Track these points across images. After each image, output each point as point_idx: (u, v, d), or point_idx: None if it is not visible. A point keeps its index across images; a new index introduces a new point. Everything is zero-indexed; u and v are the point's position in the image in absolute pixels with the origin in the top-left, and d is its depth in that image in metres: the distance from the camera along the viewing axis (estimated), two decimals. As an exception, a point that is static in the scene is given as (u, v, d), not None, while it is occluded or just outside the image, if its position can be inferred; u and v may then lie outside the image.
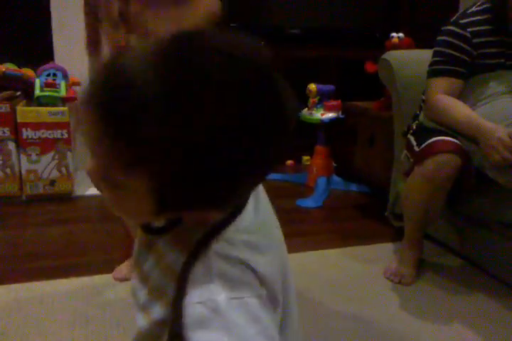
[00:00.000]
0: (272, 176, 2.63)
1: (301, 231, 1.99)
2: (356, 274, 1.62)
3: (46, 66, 2.44)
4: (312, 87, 2.48)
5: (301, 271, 1.61)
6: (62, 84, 2.36)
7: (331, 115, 2.43)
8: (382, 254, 1.74)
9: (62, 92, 2.33)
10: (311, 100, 2.49)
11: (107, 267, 1.60)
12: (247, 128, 0.46)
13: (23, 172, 2.22)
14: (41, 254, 1.76)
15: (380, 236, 1.91)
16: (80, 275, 1.58)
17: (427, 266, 1.65)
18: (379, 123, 2.30)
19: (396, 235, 1.84)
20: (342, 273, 1.62)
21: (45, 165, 2.23)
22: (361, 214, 2.20)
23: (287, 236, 0.68)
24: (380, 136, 2.30)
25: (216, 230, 0.52)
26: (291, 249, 1.51)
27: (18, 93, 2.37)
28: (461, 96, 1.52)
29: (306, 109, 2.51)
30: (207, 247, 0.51)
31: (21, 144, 2.20)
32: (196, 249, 0.51)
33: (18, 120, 2.18)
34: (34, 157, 2.21)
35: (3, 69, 2.33)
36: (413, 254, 1.57)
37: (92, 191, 2.29)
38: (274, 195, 0.74)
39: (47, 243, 1.85)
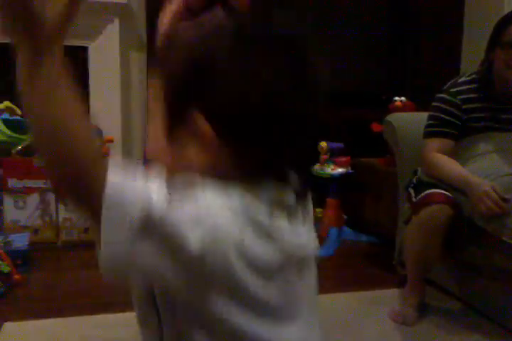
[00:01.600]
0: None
1: (313, 277, 2.13)
2: (364, 315, 1.75)
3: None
4: (323, 144, 2.71)
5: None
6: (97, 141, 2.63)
7: (340, 170, 2.64)
8: (388, 298, 1.87)
9: (98, 148, 2.59)
10: (322, 156, 2.71)
11: (131, 305, 1.76)
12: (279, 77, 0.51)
13: (60, 220, 2.44)
14: (74, 294, 1.93)
15: (387, 282, 2.05)
16: (112, 312, 1.75)
17: (429, 309, 1.78)
18: (385, 178, 2.49)
19: (402, 282, 1.98)
20: (351, 314, 1.76)
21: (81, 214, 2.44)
22: (370, 263, 2.35)
23: None
24: (386, 189, 2.49)
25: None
26: None
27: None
28: (454, 154, 1.72)
29: (318, 164, 2.73)
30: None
31: (60, 195, 2.43)
32: None
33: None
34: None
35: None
36: (415, 297, 1.71)
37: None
38: None
39: (79, 285, 2.03)
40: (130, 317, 1.55)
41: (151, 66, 0.56)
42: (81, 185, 0.49)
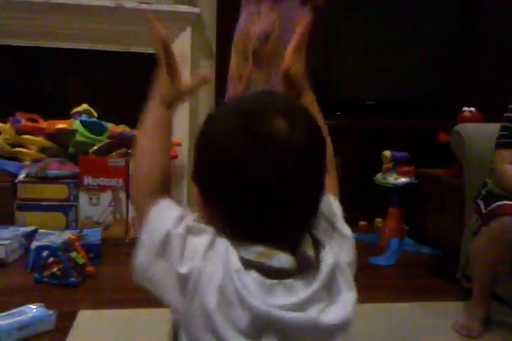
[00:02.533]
0: (346, 235, 2.80)
1: (372, 285, 2.13)
2: (425, 326, 1.73)
3: (153, 128, 2.85)
4: (387, 154, 2.70)
5: (371, 321, 1.75)
6: (166, 144, 2.75)
7: (404, 180, 2.62)
8: (451, 311, 1.84)
9: (166, 151, 2.71)
10: (385, 165, 2.70)
11: None
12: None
13: (129, 218, 2.57)
14: (140, 288, 2.02)
15: (450, 295, 2.01)
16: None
17: (495, 323, 1.73)
18: (450, 189, 2.45)
19: (466, 295, 1.93)
20: (411, 325, 1.74)
21: (148, 213, 2.56)
22: (432, 274, 2.31)
23: (360, 288, 0.73)
24: (451, 201, 2.45)
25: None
26: (364, 299, 1.73)
27: (130, 150, 2.78)
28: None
29: (381, 173, 2.71)
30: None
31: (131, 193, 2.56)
32: None
33: (130, 173, 2.56)
34: (140, 205, 2.56)
35: (120, 130, 2.77)
36: (481, 311, 1.67)
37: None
38: None
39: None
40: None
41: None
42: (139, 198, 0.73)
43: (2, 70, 2.87)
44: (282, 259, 0.61)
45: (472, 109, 2.55)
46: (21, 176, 2.56)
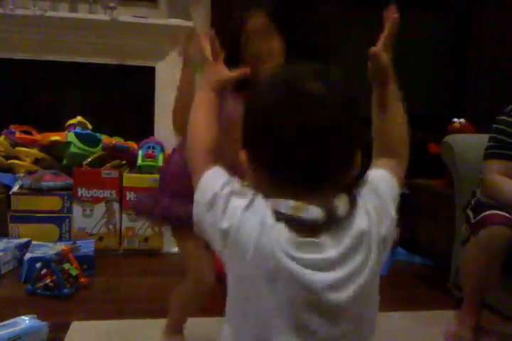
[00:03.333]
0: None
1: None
2: (417, 335, 1.74)
3: (147, 140, 2.88)
4: (379, 164, 2.73)
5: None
6: (160, 155, 2.77)
7: (396, 190, 2.64)
8: (442, 319, 1.85)
9: (160, 162, 2.72)
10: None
11: None
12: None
13: (123, 229, 2.57)
14: (133, 299, 2.03)
15: (441, 304, 2.03)
16: (165, 316, 1.81)
17: (485, 332, 1.75)
18: (442, 199, 2.47)
19: (457, 304, 1.95)
20: (404, 334, 1.75)
21: (142, 224, 2.57)
22: (423, 284, 2.33)
23: None
24: (442, 211, 2.47)
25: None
26: None
27: (124, 162, 2.80)
28: (515, 176, 1.71)
29: (373, 184, 2.73)
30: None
31: (124, 205, 2.57)
32: None
33: (124, 184, 2.58)
34: (133, 216, 2.57)
35: (114, 142, 2.79)
36: (471, 319, 1.68)
37: (178, 249, 2.59)
38: None
39: (137, 290, 2.13)
40: (186, 324, 1.64)
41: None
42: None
43: (-2, 83, 2.90)
44: (314, 212, 0.65)
45: (462, 120, 2.59)
46: (15, 188, 2.57)
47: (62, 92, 3.10)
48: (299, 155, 0.65)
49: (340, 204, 0.67)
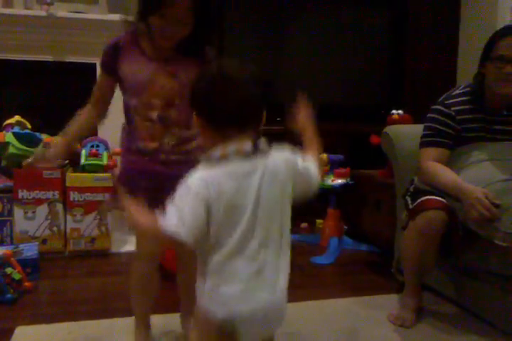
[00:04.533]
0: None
1: (315, 283, 2.20)
2: (363, 319, 1.81)
3: (90, 138, 2.80)
4: (323, 156, 2.79)
5: (314, 317, 1.82)
6: (104, 154, 2.71)
7: (340, 181, 2.72)
8: (387, 303, 1.93)
9: (104, 161, 2.67)
10: (322, 168, 2.79)
11: (131, 311, 1.78)
12: (225, 99, 1.00)
13: (68, 230, 2.51)
14: (80, 300, 1.99)
15: (386, 288, 2.11)
16: (116, 317, 1.80)
17: (426, 312, 1.84)
18: (384, 188, 2.56)
19: (400, 288, 2.03)
20: (351, 319, 1.82)
21: (88, 225, 2.52)
22: (370, 270, 2.41)
23: (303, 287, 0.86)
24: (385, 200, 2.56)
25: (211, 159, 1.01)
26: (307, 297, 1.82)
27: (67, 161, 2.72)
28: (449, 163, 1.80)
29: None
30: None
31: (68, 205, 2.50)
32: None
33: (67, 184, 2.51)
34: (78, 217, 2.51)
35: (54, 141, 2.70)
36: (413, 301, 1.77)
37: (126, 248, 2.55)
38: (291, 253, 1.02)
39: (85, 291, 2.09)
40: (133, 322, 1.63)
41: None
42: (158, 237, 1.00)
43: None
44: (248, 146, 1.01)
45: (400, 111, 2.69)
46: (-50, 192, 2.45)
47: (-1, 91, 2.98)
48: (233, 112, 1.01)
49: (261, 143, 1.04)
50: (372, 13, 3.42)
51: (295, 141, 1.20)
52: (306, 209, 3.10)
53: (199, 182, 0.96)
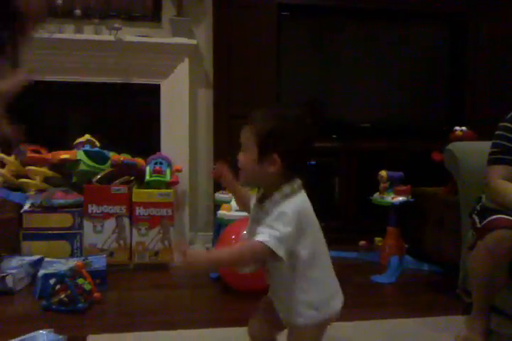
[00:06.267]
0: (347, 255, 2.85)
1: (375, 302, 2.16)
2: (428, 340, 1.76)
3: (154, 156, 2.93)
4: (383, 173, 2.77)
5: (377, 337, 1.79)
6: (167, 170, 2.82)
7: (401, 199, 2.68)
8: (452, 325, 1.86)
9: (167, 177, 2.77)
10: (382, 185, 2.76)
11: (193, 323, 1.90)
12: (303, 136, 1.15)
13: (133, 243, 2.61)
14: (145, 312, 2.06)
15: (450, 309, 2.04)
16: (178, 328, 1.85)
17: (495, 335, 1.76)
18: (447, 206, 2.50)
19: (467, 310, 1.96)
20: (414, 340, 1.77)
21: (152, 238, 2.61)
22: (433, 290, 2.34)
23: (364, 306, 0.89)
24: (448, 217, 2.50)
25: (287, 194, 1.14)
26: (368, 316, 1.83)
27: (132, 178, 2.84)
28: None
29: (378, 193, 2.77)
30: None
31: (134, 220, 2.61)
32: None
33: (133, 200, 2.62)
34: (143, 231, 2.61)
35: (122, 159, 2.83)
36: (481, 323, 1.70)
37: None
38: (349, 271, 1.05)
39: (149, 303, 2.16)
40: (195, 334, 1.67)
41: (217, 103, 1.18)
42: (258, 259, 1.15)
43: (7, 104, 2.95)
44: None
45: (464, 128, 2.64)
46: (26, 206, 2.61)
47: (70, 111, 3.17)
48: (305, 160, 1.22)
49: None
50: (431, 28, 3.39)
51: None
52: (365, 227, 3.10)
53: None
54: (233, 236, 2.15)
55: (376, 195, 2.77)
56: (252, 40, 3.08)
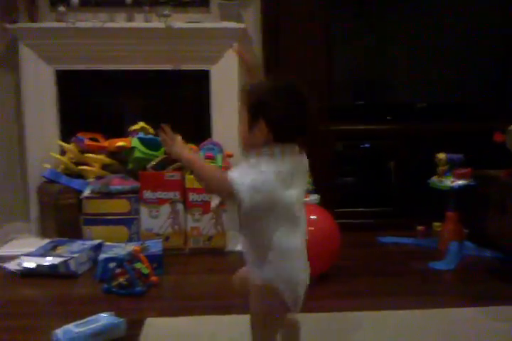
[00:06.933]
0: (405, 240, 2.78)
1: (433, 290, 2.10)
2: (490, 331, 1.69)
3: (206, 142, 2.95)
4: (441, 156, 2.66)
5: (436, 326, 1.74)
6: (219, 156, 2.83)
7: (460, 182, 2.56)
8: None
9: (219, 163, 2.79)
10: (440, 168, 2.66)
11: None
12: (293, 109, 1.18)
13: (188, 229, 2.66)
14: (200, 296, 2.10)
15: (513, 298, 1.96)
16: (233, 313, 1.87)
17: None
18: (510, 189, 2.38)
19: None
20: (476, 330, 1.71)
21: (205, 224, 2.65)
22: (494, 278, 2.25)
23: (422, 294, 0.83)
24: (511, 201, 2.37)
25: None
26: (427, 305, 1.75)
27: (185, 164, 2.88)
28: None
29: (436, 176, 2.67)
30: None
31: (188, 205, 2.66)
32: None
33: (186, 186, 2.66)
34: (197, 216, 2.65)
35: (175, 145, 2.87)
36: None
37: (240, 247, 2.64)
38: (406, 257, 0.98)
39: (204, 287, 2.20)
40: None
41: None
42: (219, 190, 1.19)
43: (65, 94, 3.05)
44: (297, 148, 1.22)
45: (528, 106, 2.48)
46: (86, 193, 2.72)
47: (124, 99, 3.23)
48: (296, 125, 1.20)
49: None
50: (488, 2, 3.18)
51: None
52: (422, 212, 3.00)
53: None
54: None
55: (434, 179, 2.67)
56: (302, 21, 3.00)
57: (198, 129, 3.16)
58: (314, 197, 2.53)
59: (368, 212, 3.05)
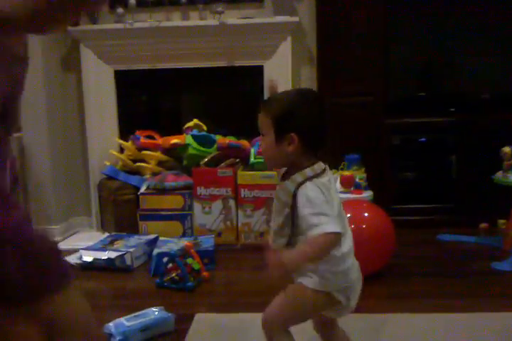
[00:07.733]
0: (466, 239, 2.64)
1: (495, 292, 1.98)
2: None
3: (259, 138, 2.93)
4: (507, 149, 2.49)
5: (493, 331, 1.64)
6: (272, 152, 2.81)
7: (528, 178, 2.40)
8: None
9: (272, 159, 2.77)
10: (505, 163, 2.49)
11: None
12: (315, 117, 1.17)
13: (240, 224, 2.67)
14: (251, 292, 2.10)
15: None
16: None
17: None
18: None
19: None
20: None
21: (257, 220, 2.65)
22: None
23: (482, 295, 0.76)
24: None
25: (309, 177, 1.15)
26: (485, 308, 1.65)
27: (238, 160, 2.89)
28: None
29: (501, 171, 2.51)
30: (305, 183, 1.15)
31: (239, 201, 2.67)
32: (300, 183, 1.14)
33: (238, 182, 2.67)
34: (249, 212, 2.66)
35: (227, 142, 2.89)
36: None
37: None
38: (467, 257, 0.90)
39: (255, 284, 2.19)
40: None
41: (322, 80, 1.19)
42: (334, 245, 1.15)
43: (123, 93, 3.16)
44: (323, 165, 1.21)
45: None
46: (143, 189, 2.79)
47: (179, 97, 3.29)
48: (321, 138, 1.20)
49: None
50: None
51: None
52: (486, 208, 2.83)
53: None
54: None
55: (499, 174, 2.51)
56: (358, 12, 2.91)
57: (252, 125, 3.14)
58: (367, 194, 2.46)
59: (427, 209, 2.93)
